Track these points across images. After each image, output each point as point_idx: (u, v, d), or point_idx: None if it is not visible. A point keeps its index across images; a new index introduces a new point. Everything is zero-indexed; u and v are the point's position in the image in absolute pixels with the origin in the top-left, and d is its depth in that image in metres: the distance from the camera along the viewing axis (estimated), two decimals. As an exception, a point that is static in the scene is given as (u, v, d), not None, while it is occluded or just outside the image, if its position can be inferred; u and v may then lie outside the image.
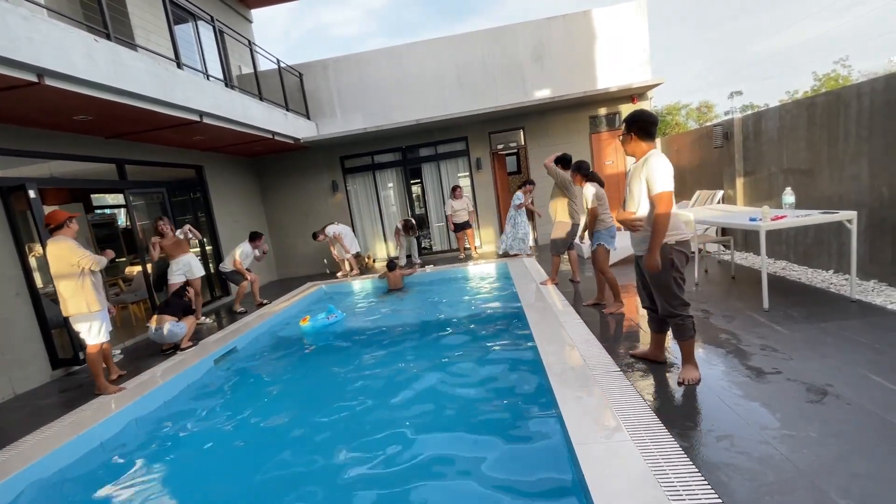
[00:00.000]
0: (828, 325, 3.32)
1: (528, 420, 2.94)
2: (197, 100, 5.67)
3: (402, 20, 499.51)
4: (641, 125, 2.76)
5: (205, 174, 8.03)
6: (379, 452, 2.83)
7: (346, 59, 9.38)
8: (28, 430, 3.44)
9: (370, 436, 3.04)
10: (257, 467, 2.89)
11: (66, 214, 3.99)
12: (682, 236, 2.74)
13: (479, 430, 2.92)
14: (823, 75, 22.09)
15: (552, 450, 2.53)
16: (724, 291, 4.57)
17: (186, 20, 7.84)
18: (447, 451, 2.75)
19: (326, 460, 2.85)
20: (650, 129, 2.77)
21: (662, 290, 2.77)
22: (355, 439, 3.03)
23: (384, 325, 5.65)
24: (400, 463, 2.69)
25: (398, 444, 2.88)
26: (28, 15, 3.55)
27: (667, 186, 2.62)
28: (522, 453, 2.62)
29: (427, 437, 2.94)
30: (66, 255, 3.81)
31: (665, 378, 2.90)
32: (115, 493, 2.78)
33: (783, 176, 5.42)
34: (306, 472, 2.78)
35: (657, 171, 2.64)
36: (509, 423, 2.95)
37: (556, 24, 8.81)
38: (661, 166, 2.65)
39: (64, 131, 5.33)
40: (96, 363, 3.99)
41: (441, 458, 2.70)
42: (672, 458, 2.06)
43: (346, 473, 2.67)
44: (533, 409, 3.06)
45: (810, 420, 2.25)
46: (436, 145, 9.67)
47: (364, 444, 2.96)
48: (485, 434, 2.86)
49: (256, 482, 2.72)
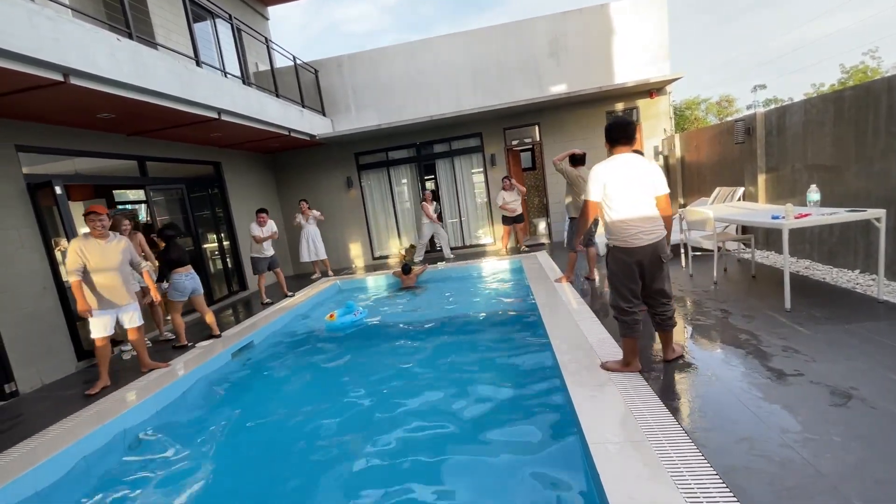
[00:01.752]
0: (853, 327, 3.23)
1: (542, 419, 2.93)
2: (215, 97, 5.76)
3: (417, 15, 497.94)
4: (607, 132, 3.01)
5: (222, 170, 8.16)
6: (391, 446, 2.85)
7: (360, 56, 9.41)
8: (54, 420, 3.56)
9: (382, 431, 3.07)
10: (279, 460, 2.94)
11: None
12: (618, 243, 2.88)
13: (493, 428, 2.92)
14: (851, 67, 21.35)
15: (566, 449, 2.52)
16: (744, 290, 4.48)
17: (205, 18, 7.96)
18: (457, 450, 2.76)
19: (339, 453, 2.89)
20: (615, 135, 2.96)
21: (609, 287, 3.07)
22: (365, 434, 3.06)
23: (397, 322, 5.68)
24: (408, 457, 2.71)
25: (408, 438, 2.90)
26: (54, 16, 3.64)
27: (588, 196, 2.96)
28: (536, 451, 2.62)
29: (438, 434, 2.96)
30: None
31: (682, 378, 2.86)
32: (133, 484, 2.86)
33: (807, 173, 5.26)
34: (320, 464, 2.82)
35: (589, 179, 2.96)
36: (523, 422, 2.94)
37: (572, 19, 8.69)
38: (591, 175, 2.93)
39: (88, 129, 5.47)
40: (100, 356, 4.19)
41: (452, 457, 2.71)
42: (689, 459, 2.04)
43: (353, 468, 2.70)
44: (547, 408, 3.04)
45: (833, 424, 2.19)
46: (450, 141, 9.65)
47: (376, 438, 2.99)
48: (498, 433, 2.87)
49: (279, 473, 2.77)
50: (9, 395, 4.27)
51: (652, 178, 2.82)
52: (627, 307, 2.88)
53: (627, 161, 2.85)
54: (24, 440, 3.25)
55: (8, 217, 4.51)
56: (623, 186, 2.80)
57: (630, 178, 2.81)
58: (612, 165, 2.86)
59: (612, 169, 2.84)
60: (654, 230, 2.80)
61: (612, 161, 2.88)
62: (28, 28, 3.39)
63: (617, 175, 2.82)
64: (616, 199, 2.82)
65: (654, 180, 2.82)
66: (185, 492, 2.70)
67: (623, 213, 2.80)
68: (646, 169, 2.83)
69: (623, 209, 2.80)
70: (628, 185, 2.80)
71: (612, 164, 2.86)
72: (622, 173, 2.82)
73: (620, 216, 2.81)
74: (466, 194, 9.90)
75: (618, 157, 2.89)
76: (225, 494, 2.67)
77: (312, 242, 8.69)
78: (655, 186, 2.81)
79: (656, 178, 2.82)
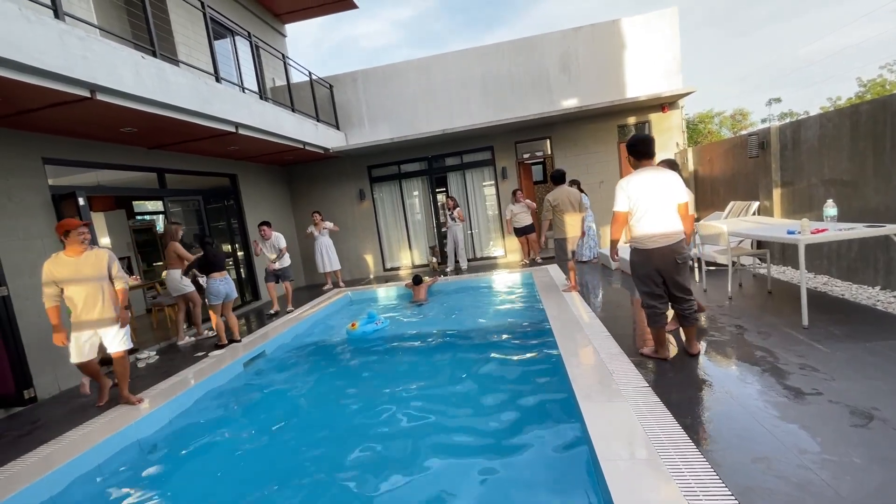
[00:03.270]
0: (874, 345, 3.15)
1: (552, 434, 2.89)
2: (233, 112, 5.92)
3: (429, 31, 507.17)
4: (631, 147, 3.30)
5: (238, 182, 8.33)
6: (399, 456, 2.84)
7: (375, 71, 9.60)
8: (71, 426, 3.62)
9: (390, 441, 3.06)
10: (288, 468, 2.95)
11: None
12: (639, 245, 3.24)
13: (502, 443, 2.89)
14: (868, 81, 21.11)
15: (577, 465, 2.48)
16: (759, 306, 4.40)
17: (225, 36, 8.22)
18: (467, 465, 2.74)
19: (351, 463, 2.89)
20: (641, 149, 3.26)
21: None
22: (369, 445, 3.06)
23: (407, 334, 5.68)
24: (416, 470, 2.70)
25: (416, 449, 2.89)
26: (84, 35, 3.80)
27: (614, 208, 3.28)
28: (546, 467, 2.58)
29: (446, 447, 2.94)
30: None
31: (697, 395, 2.81)
32: (145, 489, 2.88)
33: (824, 187, 5.19)
34: (330, 472, 2.82)
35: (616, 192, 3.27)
36: (533, 437, 2.91)
37: (583, 34, 8.77)
38: (618, 188, 3.24)
39: (111, 142, 5.66)
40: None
41: (459, 470, 2.69)
42: (703, 478, 1.99)
43: (364, 480, 2.69)
44: (557, 423, 3.01)
45: (854, 445, 2.13)
46: (461, 154, 9.74)
47: (385, 449, 2.98)
48: (507, 447, 2.84)
49: (286, 482, 2.78)
50: (27, 401, 4.36)
51: (673, 187, 3.14)
52: (650, 302, 3.27)
53: (651, 174, 3.16)
54: (42, 445, 3.32)
55: (33, 226, 4.66)
56: (647, 197, 3.12)
57: (653, 189, 3.12)
58: (638, 179, 3.17)
59: (637, 182, 3.16)
60: (672, 234, 3.11)
61: (638, 174, 3.19)
62: (59, 47, 3.55)
63: (641, 187, 3.14)
64: (640, 209, 3.15)
65: (676, 190, 3.14)
66: (198, 500, 2.72)
67: (645, 221, 3.15)
68: (667, 180, 3.14)
69: (645, 217, 3.14)
70: (651, 196, 3.11)
71: (639, 177, 3.18)
72: (646, 185, 3.13)
73: (643, 224, 3.16)
74: (477, 207, 9.94)
75: (643, 171, 3.19)
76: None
77: (326, 253, 8.78)
78: (677, 195, 3.14)
79: (677, 188, 3.15)
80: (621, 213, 3.23)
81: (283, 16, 10.54)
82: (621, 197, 3.20)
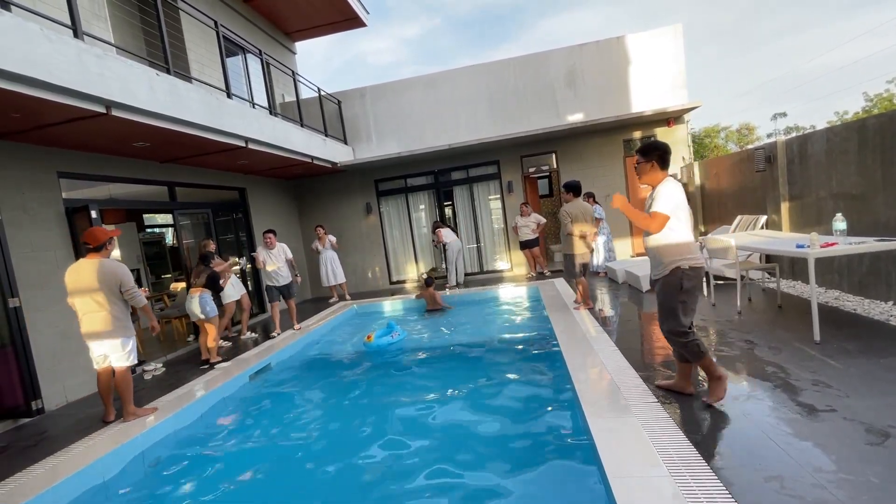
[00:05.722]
0: (888, 361, 3.09)
1: (561, 450, 2.85)
2: (243, 127, 6.03)
3: (436, 48, 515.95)
4: (662, 154, 2.89)
5: (247, 196, 8.44)
6: (408, 471, 2.81)
7: (382, 87, 9.75)
8: (77, 438, 3.62)
9: (397, 455, 3.03)
10: (297, 481, 2.92)
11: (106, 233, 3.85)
12: (695, 262, 2.78)
13: (510, 460, 2.85)
14: (875, 95, 21.09)
15: (586, 482, 2.44)
16: (769, 321, 4.34)
17: (237, 53, 8.41)
18: (475, 483, 2.70)
19: (358, 477, 2.86)
20: (668, 159, 2.92)
21: (667, 312, 2.85)
22: (375, 460, 3.03)
23: (422, 346, 5.65)
24: (424, 487, 2.66)
25: (424, 464, 2.85)
26: (101, 54, 3.92)
27: (663, 209, 2.78)
28: (554, 485, 2.54)
29: (455, 465, 2.90)
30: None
31: (706, 411, 2.76)
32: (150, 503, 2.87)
33: (832, 201, 5.16)
34: (340, 488, 2.79)
35: (662, 193, 2.82)
36: (542, 453, 2.87)
37: (588, 50, 8.88)
38: (667, 190, 2.81)
39: (124, 156, 5.77)
40: (99, 387, 3.99)
41: (470, 489, 2.65)
42: (715, 497, 1.95)
43: (371, 495, 2.66)
44: (566, 439, 2.97)
45: (870, 463, 2.08)
46: (468, 168, 9.81)
47: (391, 464, 2.95)
48: (515, 464, 2.80)
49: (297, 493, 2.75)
50: (35, 412, 4.38)
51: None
52: (689, 328, 2.81)
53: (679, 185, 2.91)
54: (49, 456, 3.32)
55: (47, 239, 4.74)
56: (686, 208, 2.85)
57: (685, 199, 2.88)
58: (679, 186, 2.88)
59: (680, 190, 2.88)
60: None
61: (676, 182, 2.90)
62: (77, 64, 3.66)
63: (683, 196, 2.85)
64: (684, 220, 2.82)
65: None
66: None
67: (689, 233, 2.83)
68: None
69: (688, 229, 2.83)
70: (687, 207, 2.86)
71: (678, 185, 2.89)
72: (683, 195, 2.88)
73: (688, 236, 2.82)
74: (483, 221, 9.97)
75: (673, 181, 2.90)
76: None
77: (331, 267, 8.82)
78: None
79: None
80: (668, 216, 2.77)
81: (293, 34, 10.79)
82: (670, 202, 2.77)
